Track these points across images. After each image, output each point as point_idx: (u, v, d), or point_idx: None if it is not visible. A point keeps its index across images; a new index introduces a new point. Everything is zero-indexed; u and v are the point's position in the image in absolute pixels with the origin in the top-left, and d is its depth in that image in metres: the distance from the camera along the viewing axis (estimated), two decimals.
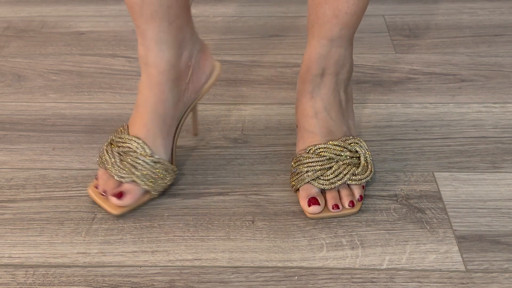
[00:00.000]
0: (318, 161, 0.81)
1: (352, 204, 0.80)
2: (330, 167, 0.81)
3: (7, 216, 0.82)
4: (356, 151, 0.83)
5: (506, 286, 0.71)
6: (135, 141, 0.81)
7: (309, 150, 0.82)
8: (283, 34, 1.27)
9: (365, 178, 0.81)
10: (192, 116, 0.93)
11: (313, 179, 0.81)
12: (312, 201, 0.79)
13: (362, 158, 0.82)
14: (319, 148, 0.82)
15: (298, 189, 0.82)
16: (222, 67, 0.94)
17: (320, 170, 0.81)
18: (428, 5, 1.37)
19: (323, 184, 0.80)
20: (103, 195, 0.82)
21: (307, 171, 0.81)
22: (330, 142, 0.82)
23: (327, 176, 0.80)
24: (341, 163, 0.81)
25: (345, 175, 0.81)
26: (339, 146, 0.82)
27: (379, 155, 0.92)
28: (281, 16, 1.34)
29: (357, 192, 0.81)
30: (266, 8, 1.37)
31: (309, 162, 0.81)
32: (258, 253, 0.76)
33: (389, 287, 0.72)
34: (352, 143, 0.83)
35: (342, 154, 0.82)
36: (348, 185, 0.82)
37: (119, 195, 0.80)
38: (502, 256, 0.75)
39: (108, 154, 0.82)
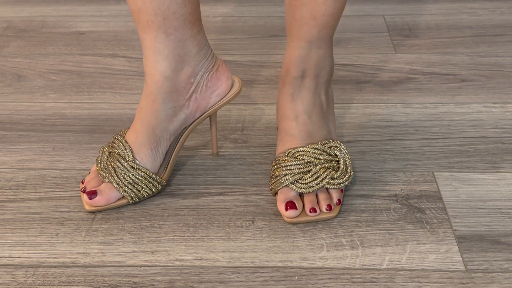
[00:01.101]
0: (297, 164, 0.80)
1: (329, 208, 0.79)
2: (309, 171, 0.80)
3: (7, 216, 0.82)
4: (336, 155, 0.82)
5: (506, 286, 0.71)
6: (122, 144, 0.82)
7: (288, 153, 0.82)
8: (283, 34, 1.27)
9: (343, 182, 0.81)
10: (211, 137, 0.91)
11: (291, 183, 0.80)
12: (289, 205, 0.79)
13: (341, 162, 0.82)
14: (298, 152, 0.81)
15: (276, 193, 0.82)
16: (242, 87, 0.90)
17: (298, 173, 0.80)
18: (428, 5, 1.37)
19: (301, 188, 0.80)
20: (82, 190, 0.83)
21: (285, 175, 0.80)
22: (310, 145, 0.82)
23: (306, 179, 0.80)
24: (319, 167, 0.81)
25: (323, 179, 0.80)
26: (318, 149, 0.81)
27: (379, 155, 0.92)
28: (281, 16, 1.34)
29: (335, 196, 0.81)
30: (266, 8, 1.37)
31: (288, 166, 0.81)
32: (258, 253, 0.76)
33: (389, 287, 0.72)
34: (331, 146, 0.82)
35: (321, 158, 0.81)
36: (327, 189, 0.82)
37: (92, 194, 0.81)
38: (502, 256, 0.75)
39: (102, 152, 0.84)
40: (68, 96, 1.08)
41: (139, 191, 0.82)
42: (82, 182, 0.85)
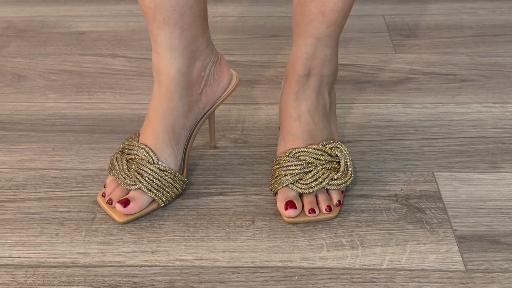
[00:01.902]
0: (297, 164, 0.80)
1: (329, 208, 0.79)
2: (309, 171, 0.80)
3: (7, 216, 0.82)
4: (337, 156, 0.82)
5: (506, 286, 0.71)
6: (143, 148, 0.81)
7: (289, 154, 0.82)
8: (283, 34, 1.27)
9: (344, 183, 0.81)
10: (209, 129, 0.92)
11: (291, 183, 0.80)
12: (289, 204, 0.79)
13: (342, 163, 0.82)
14: (299, 152, 0.81)
15: (276, 192, 0.82)
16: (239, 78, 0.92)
17: (299, 174, 0.80)
18: (428, 5, 1.37)
19: (301, 188, 0.80)
20: (109, 203, 0.81)
21: (285, 175, 0.80)
22: (310, 146, 0.81)
23: (306, 180, 0.80)
24: (320, 167, 0.81)
25: (323, 179, 0.80)
26: (319, 150, 0.81)
27: (379, 155, 0.92)
28: (281, 16, 1.34)
29: (335, 197, 0.81)
30: (266, 8, 1.37)
31: (288, 166, 0.81)
32: (258, 253, 0.76)
33: (389, 287, 0.72)
34: (333, 147, 0.82)
35: (322, 159, 0.81)
36: (327, 189, 0.82)
37: (125, 203, 0.79)
38: (502, 256, 0.75)
39: (117, 161, 0.83)
40: (68, 96, 1.08)
41: (168, 192, 0.81)
42: (103, 196, 0.83)
